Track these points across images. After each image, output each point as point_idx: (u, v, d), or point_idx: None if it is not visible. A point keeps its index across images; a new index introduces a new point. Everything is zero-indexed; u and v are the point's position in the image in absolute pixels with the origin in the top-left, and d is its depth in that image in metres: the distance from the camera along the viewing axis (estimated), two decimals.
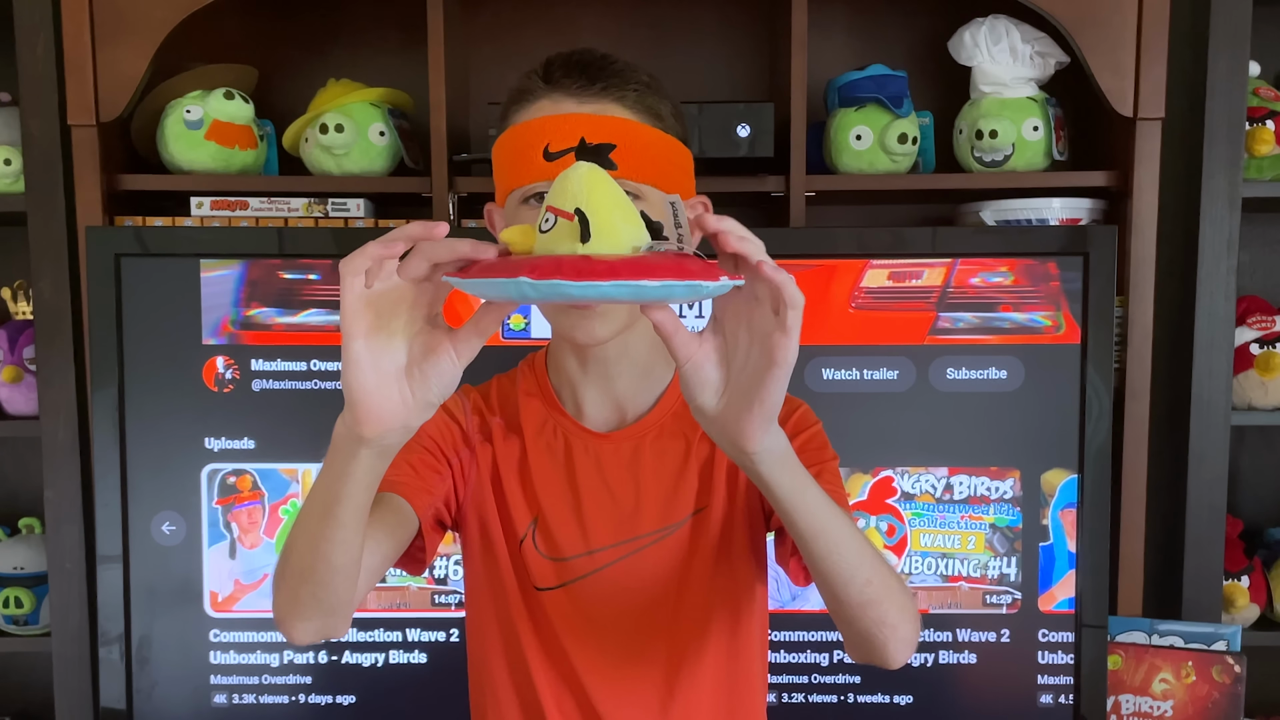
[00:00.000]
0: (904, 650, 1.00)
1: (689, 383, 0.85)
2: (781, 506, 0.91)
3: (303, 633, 0.99)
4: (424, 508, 1.09)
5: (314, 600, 0.95)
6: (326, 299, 1.77)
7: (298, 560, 0.94)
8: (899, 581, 1.00)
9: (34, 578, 2.01)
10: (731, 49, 2.13)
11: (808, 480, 0.92)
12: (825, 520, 0.93)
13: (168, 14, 1.80)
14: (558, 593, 1.14)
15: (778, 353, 0.81)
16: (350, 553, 0.92)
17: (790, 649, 1.81)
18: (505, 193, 1.08)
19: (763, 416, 0.84)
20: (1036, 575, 1.80)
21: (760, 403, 0.83)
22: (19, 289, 2.04)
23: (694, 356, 0.84)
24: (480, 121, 1.94)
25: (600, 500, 1.14)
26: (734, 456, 0.88)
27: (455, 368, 0.83)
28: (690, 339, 0.84)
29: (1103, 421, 1.77)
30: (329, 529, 0.90)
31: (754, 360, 0.83)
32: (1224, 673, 1.84)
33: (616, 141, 1.02)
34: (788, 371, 0.82)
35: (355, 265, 0.83)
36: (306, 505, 0.93)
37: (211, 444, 1.78)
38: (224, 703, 1.80)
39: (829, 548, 0.93)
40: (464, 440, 1.16)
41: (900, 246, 1.81)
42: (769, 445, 0.86)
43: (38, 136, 1.85)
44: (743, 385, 0.84)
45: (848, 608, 0.96)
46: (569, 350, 1.14)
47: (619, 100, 1.05)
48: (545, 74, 1.07)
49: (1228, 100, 1.87)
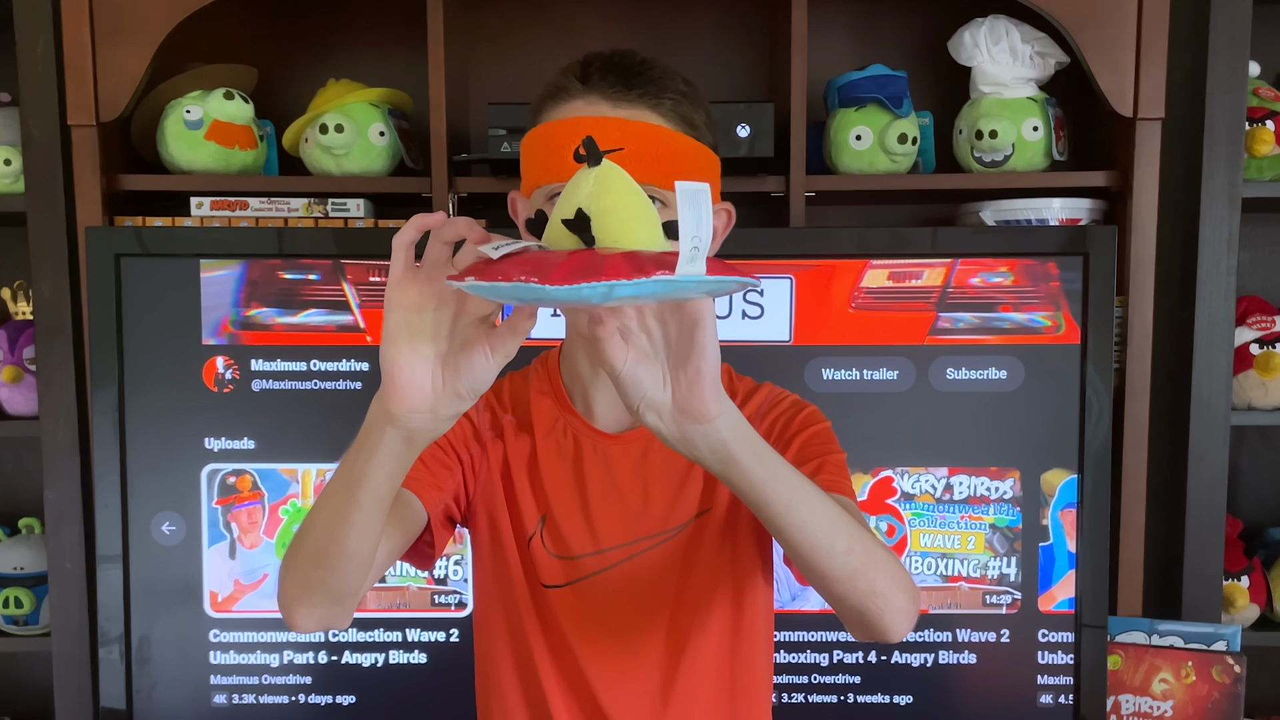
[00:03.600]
0: (901, 620, 0.99)
1: (629, 383, 0.84)
2: (749, 480, 0.90)
3: (307, 619, 0.99)
4: (433, 503, 1.09)
5: (323, 585, 0.96)
6: (327, 299, 1.77)
7: (313, 542, 0.94)
8: (886, 551, 1.00)
9: (34, 578, 2.01)
10: (731, 49, 2.13)
11: (768, 449, 0.91)
12: (794, 489, 0.92)
13: (168, 14, 1.80)
14: (565, 591, 1.14)
15: (695, 309, 0.81)
16: (365, 540, 0.92)
17: (790, 649, 1.81)
18: (531, 186, 1.08)
19: (711, 375, 0.83)
20: (1036, 575, 1.80)
21: (704, 360, 0.82)
22: (19, 289, 2.04)
23: (627, 359, 0.83)
24: (480, 121, 1.95)
25: (608, 500, 1.15)
26: (694, 437, 0.86)
27: (489, 364, 0.82)
28: (620, 344, 0.83)
29: (1103, 421, 1.77)
30: (348, 510, 0.90)
31: (676, 330, 0.83)
32: (1224, 673, 1.85)
33: (645, 149, 1.02)
34: (713, 320, 0.82)
35: (405, 238, 0.83)
36: (328, 488, 0.93)
37: (211, 444, 1.79)
38: (224, 703, 1.80)
39: (804, 518, 0.92)
40: (475, 437, 1.16)
41: (900, 246, 1.81)
42: (726, 408, 0.85)
43: (38, 136, 1.85)
44: (680, 356, 0.83)
45: (834, 582, 0.96)
46: (582, 350, 1.14)
47: (654, 107, 1.05)
48: (583, 74, 1.06)
49: (1228, 100, 1.87)
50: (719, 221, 1.14)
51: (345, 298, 1.77)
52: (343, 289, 1.77)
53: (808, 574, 0.97)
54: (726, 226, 1.15)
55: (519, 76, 2.10)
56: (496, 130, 1.82)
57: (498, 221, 1.93)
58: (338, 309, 1.77)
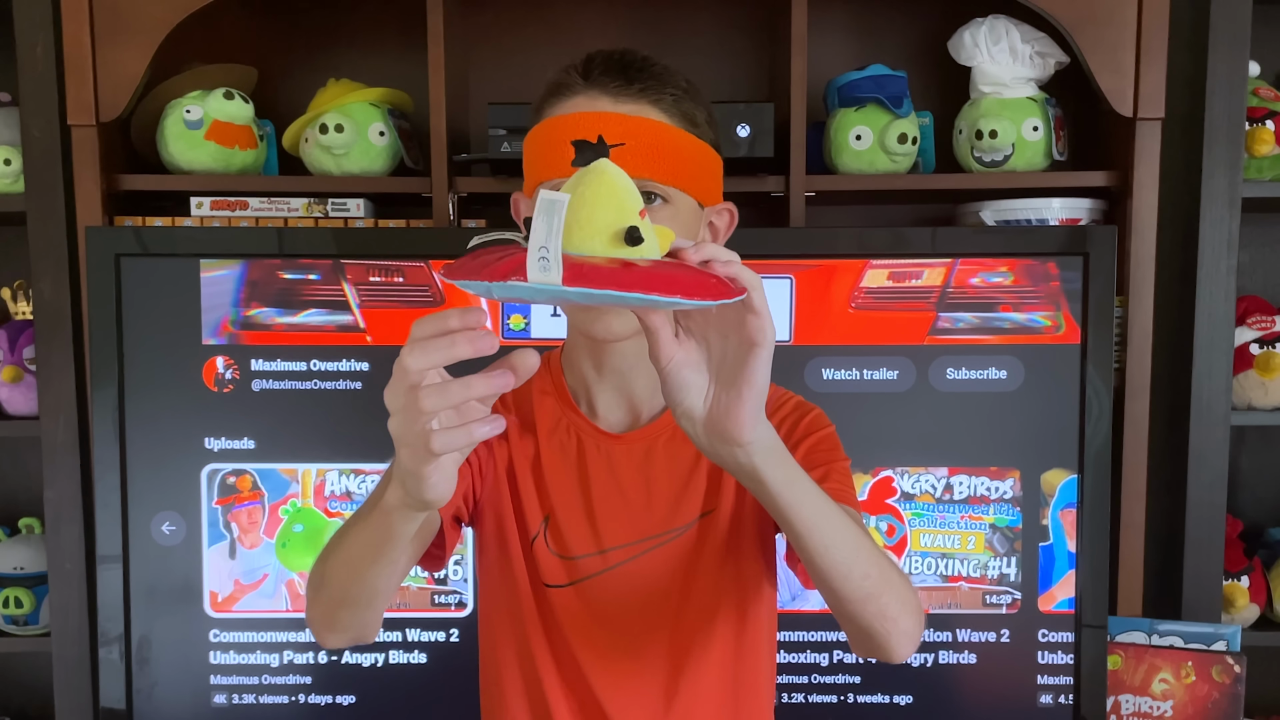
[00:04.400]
0: (907, 644, 1.00)
1: (672, 384, 0.84)
2: (775, 502, 0.90)
3: (337, 641, 1.04)
4: (445, 507, 1.09)
5: (352, 619, 1.00)
6: (326, 299, 1.77)
7: (338, 588, 0.97)
8: (899, 574, 1.00)
9: (34, 578, 2.01)
10: (731, 49, 2.13)
11: (799, 473, 0.91)
12: (819, 513, 0.92)
13: (168, 14, 1.80)
14: (567, 591, 1.14)
15: (755, 335, 0.81)
16: (395, 579, 0.96)
17: (790, 649, 1.81)
18: (534, 184, 1.08)
19: (753, 402, 0.83)
20: (1036, 575, 1.80)
21: (749, 387, 0.82)
22: (19, 289, 2.04)
23: (675, 356, 0.84)
24: (480, 121, 1.94)
25: (611, 500, 1.14)
26: (725, 456, 0.87)
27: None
28: (672, 339, 0.83)
29: (1103, 421, 1.77)
30: (379, 566, 0.92)
31: (733, 349, 0.83)
32: (1224, 673, 1.85)
33: (646, 144, 1.03)
34: (769, 351, 0.81)
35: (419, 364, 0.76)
36: (350, 538, 0.94)
37: (211, 444, 1.78)
38: (224, 703, 1.80)
39: (825, 542, 0.92)
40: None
41: (900, 246, 1.81)
42: (760, 435, 0.85)
43: (38, 136, 1.85)
44: (727, 376, 0.84)
45: (848, 603, 0.96)
46: (585, 351, 1.14)
47: (655, 103, 1.05)
48: (585, 71, 1.07)
49: (1228, 100, 1.87)
50: (721, 221, 1.15)
51: (345, 298, 1.77)
52: (343, 289, 1.77)
53: (822, 591, 0.97)
54: (729, 226, 1.15)
55: (519, 76, 2.10)
56: (496, 130, 1.81)
57: (498, 221, 1.94)
58: (338, 309, 1.77)
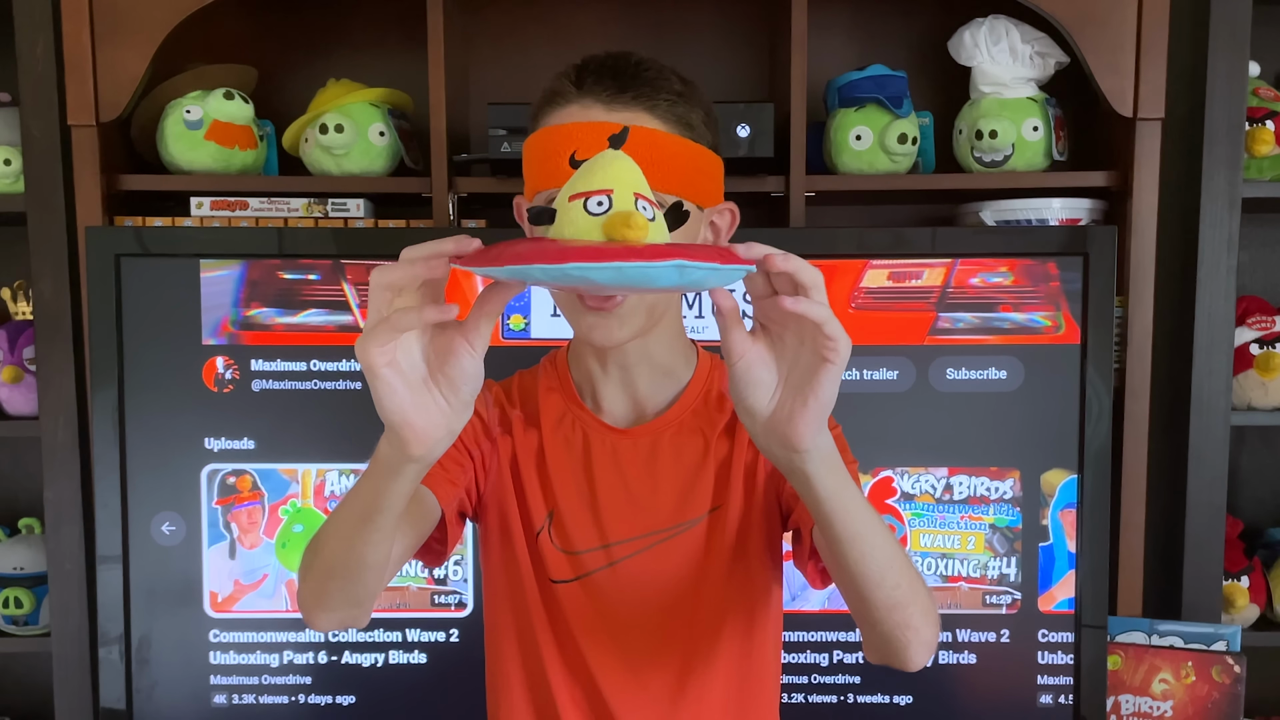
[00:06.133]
0: (924, 653, 1.00)
1: (740, 380, 0.85)
2: (823, 509, 0.90)
3: (326, 622, 1.02)
4: (448, 499, 1.09)
5: (341, 594, 0.98)
6: (326, 299, 1.77)
7: (329, 557, 0.95)
8: (924, 584, 1.00)
9: (34, 578, 2.01)
10: (731, 49, 2.13)
11: (848, 480, 0.91)
12: (863, 522, 0.92)
13: (168, 14, 1.80)
14: (572, 586, 1.14)
15: (829, 353, 0.81)
16: (384, 551, 0.94)
17: (790, 649, 1.80)
18: (532, 191, 1.08)
19: (817, 412, 0.83)
20: (1036, 575, 1.80)
21: (816, 399, 0.83)
22: (19, 289, 2.04)
23: (747, 354, 0.84)
24: (480, 122, 1.94)
25: (616, 495, 1.14)
26: (780, 457, 0.87)
27: (474, 359, 0.82)
28: (746, 336, 0.84)
29: (1103, 421, 1.77)
30: (366, 532, 0.91)
31: (806, 358, 0.83)
32: (1224, 673, 1.84)
33: (640, 152, 1.02)
34: (842, 369, 0.82)
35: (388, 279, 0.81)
36: (342, 508, 0.94)
37: (211, 444, 1.78)
38: (224, 703, 1.80)
39: (865, 550, 0.92)
40: (485, 432, 1.16)
41: (900, 246, 1.80)
42: (820, 443, 0.86)
43: (38, 136, 1.85)
44: (796, 382, 0.84)
45: (874, 610, 0.96)
46: (590, 348, 1.14)
47: (649, 109, 1.04)
48: (577, 78, 1.06)
49: (1228, 100, 1.87)
50: (723, 221, 1.15)
51: (345, 298, 1.77)
52: (342, 289, 1.77)
53: (849, 596, 0.98)
54: (731, 225, 1.15)
55: (519, 76, 2.10)
56: (496, 130, 1.81)
57: (498, 222, 1.94)
58: (337, 309, 1.77)
